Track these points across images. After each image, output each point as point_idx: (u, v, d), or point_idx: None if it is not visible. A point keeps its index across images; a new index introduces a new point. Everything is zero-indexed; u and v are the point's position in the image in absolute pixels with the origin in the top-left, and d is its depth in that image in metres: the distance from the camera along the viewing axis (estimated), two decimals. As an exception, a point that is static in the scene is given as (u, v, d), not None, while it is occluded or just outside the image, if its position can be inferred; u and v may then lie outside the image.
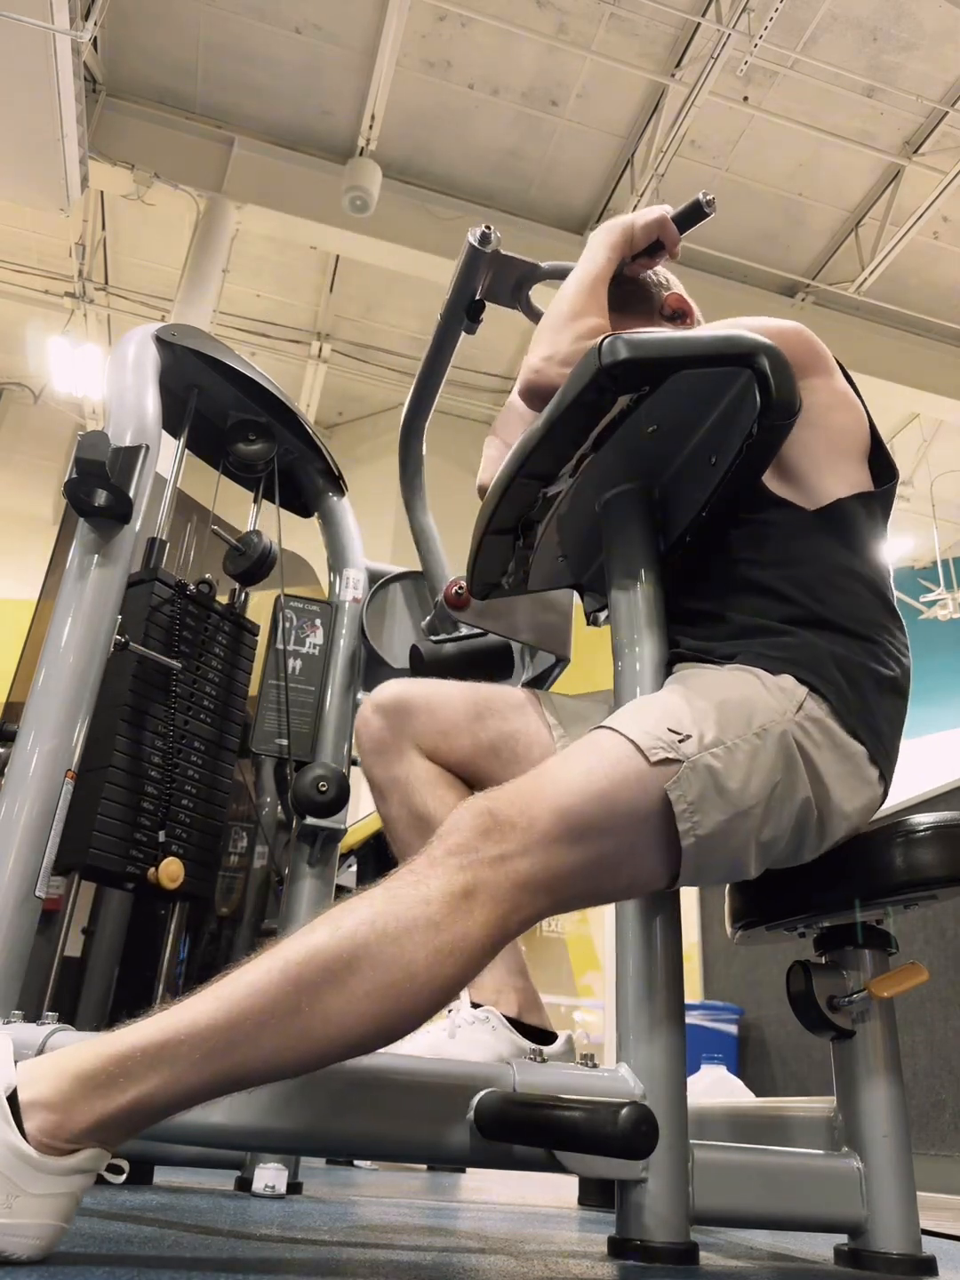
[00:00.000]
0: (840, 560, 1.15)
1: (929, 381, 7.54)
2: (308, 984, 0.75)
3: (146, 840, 1.46)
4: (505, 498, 1.17)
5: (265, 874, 2.11)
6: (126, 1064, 0.71)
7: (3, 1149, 0.68)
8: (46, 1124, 0.69)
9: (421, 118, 6.52)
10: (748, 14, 5.49)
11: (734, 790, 0.96)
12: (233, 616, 1.72)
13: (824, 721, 1.04)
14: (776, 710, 1.01)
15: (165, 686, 1.55)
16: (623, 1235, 0.96)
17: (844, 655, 1.08)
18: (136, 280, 7.80)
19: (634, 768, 0.93)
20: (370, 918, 0.78)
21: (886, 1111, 1.09)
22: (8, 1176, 0.67)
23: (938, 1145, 2.74)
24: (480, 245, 1.52)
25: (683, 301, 1.48)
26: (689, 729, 0.96)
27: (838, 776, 1.04)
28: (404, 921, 0.78)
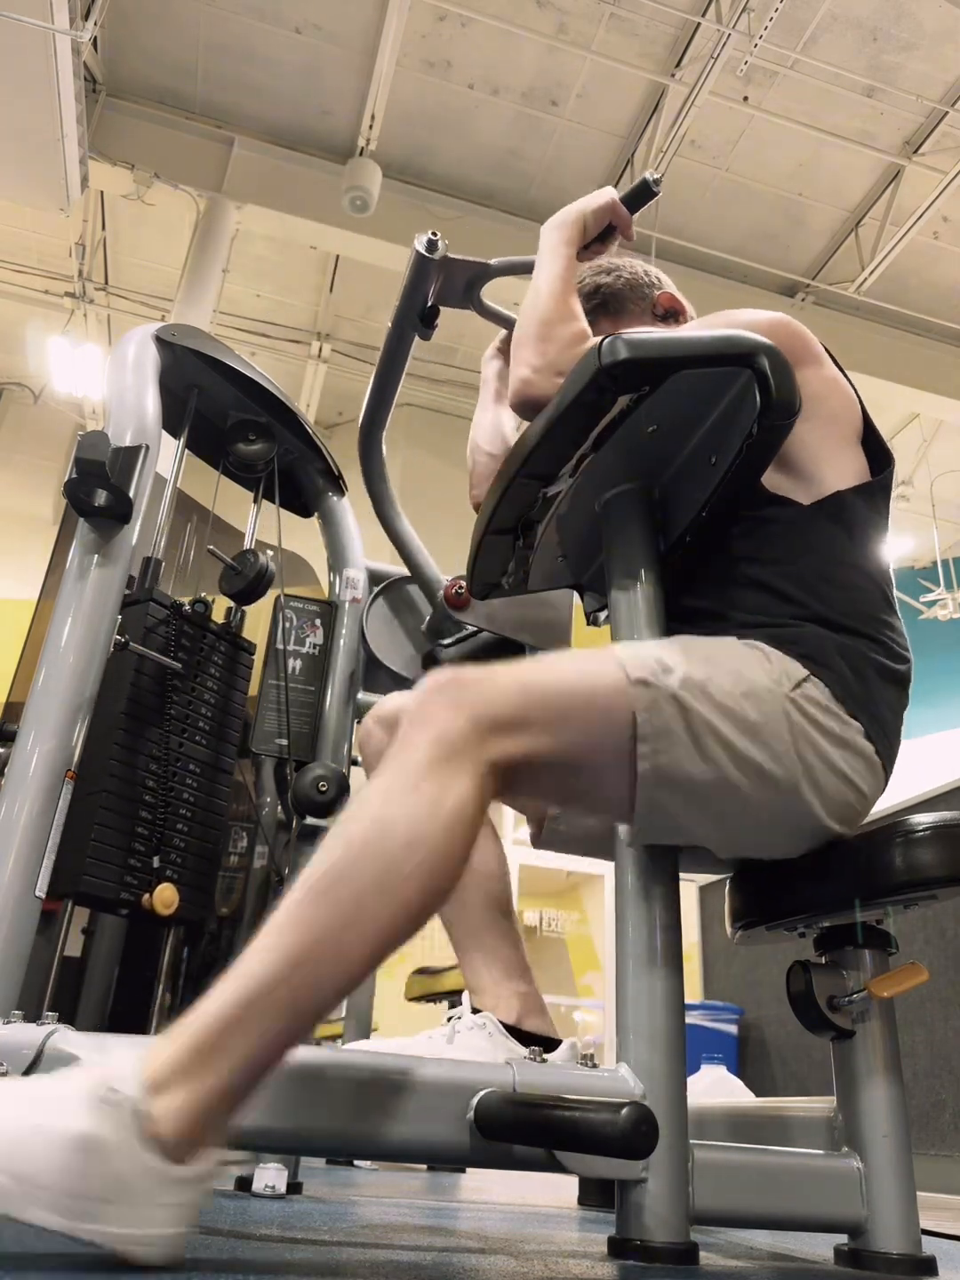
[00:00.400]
0: (840, 555, 1.15)
1: (929, 381, 7.54)
2: (347, 900, 0.78)
3: (141, 865, 1.44)
4: (505, 498, 1.17)
5: (265, 874, 2.11)
6: (210, 1047, 0.73)
7: (135, 1164, 0.69)
8: (166, 1131, 0.70)
9: (421, 118, 6.52)
10: (748, 14, 5.49)
11: (705, 737, 0.97)
12: (229, 636, 1.70)
13: (826, 705, 1.04)
14: (771, 681, 1.02)
15: (160, 708, 1.53)
16: (623, 1235, 0.96)
17: (847, 646, 1.08)
18: (136, 280, 7.80)
19: (613, 677, 0.97)
20: (374, 815, 0.83)
21: (886, 1111, 1.09)
22: (141, 1189, 0.69)
23: (938, 1145, 2.74)
24: (428, 253, 1.47)
25: (674, 300, 1.48)
26: (676, 667, 0.99)
27: (838, 760, 1.04)
28: (403, 805, 0.83)
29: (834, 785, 1.04)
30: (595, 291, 1.49)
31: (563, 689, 0.96)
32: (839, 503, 1.17)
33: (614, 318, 1.48)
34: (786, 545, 1.14)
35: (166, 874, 1.47)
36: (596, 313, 1.48)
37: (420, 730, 0.87)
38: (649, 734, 0.95)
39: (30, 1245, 0.76)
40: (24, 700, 1.30)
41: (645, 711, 0.95)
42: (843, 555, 1.15)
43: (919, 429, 8.48)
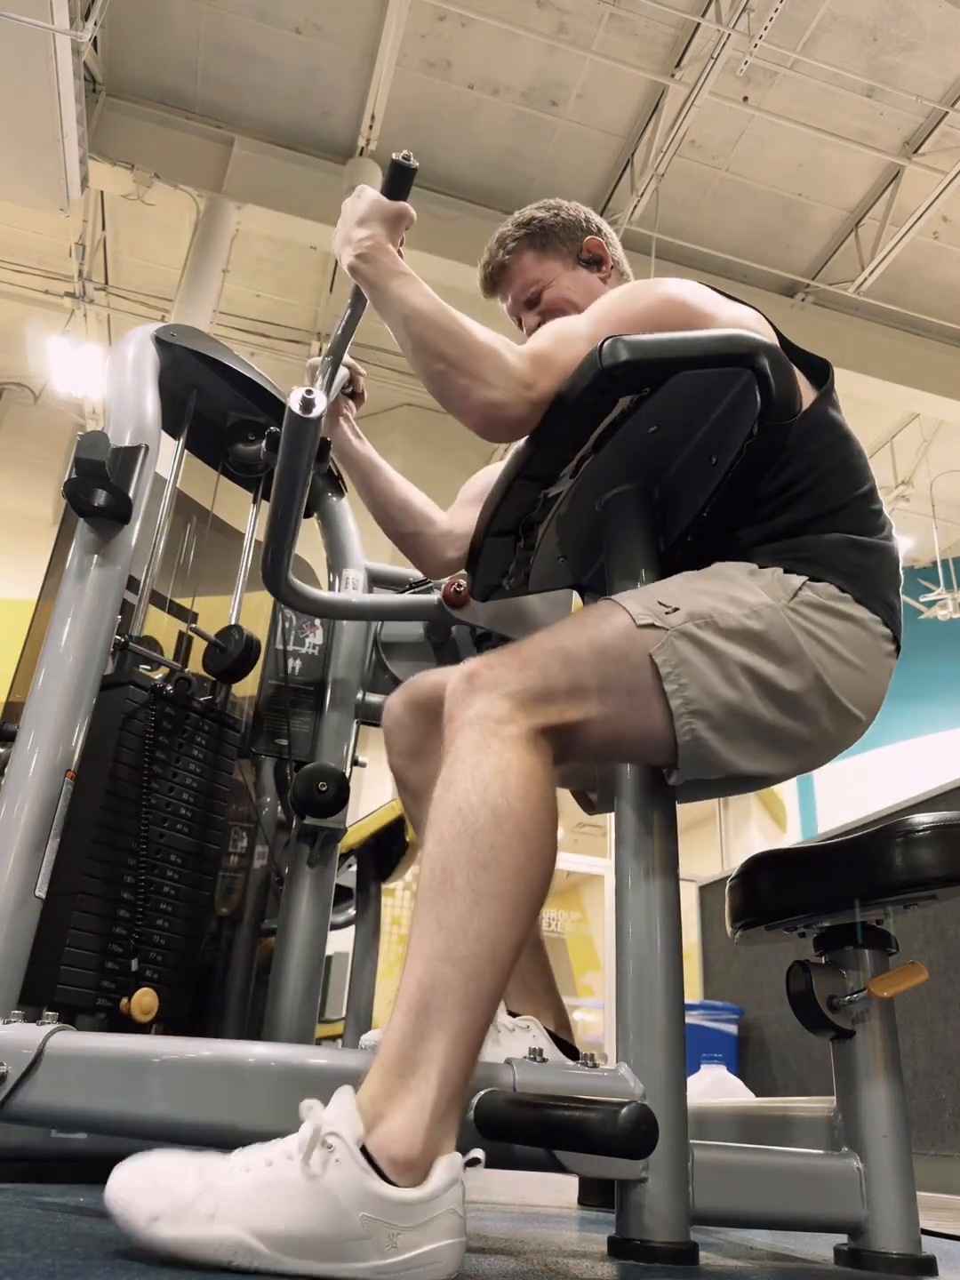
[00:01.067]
0: (834, 467, 1.17)
1: (929, 381, 7.54)
2: (462, 888, 0.83)
3: (119, 969, 1.36)
4: (506, 499, 1.17)
5: (265, 874, 2.11)
6: (405, 1066, 0.77)
7: (371, 1198, 0.70)
8: (395, 1155, 0.73)
9: (421, 118, 6.51)
10: (748, 14, 5.49)
11: (723, 661, 1.01)
12: (213, 715, 1.62)
13: (826, 603, 1.07)
14: (770, 597, 1.06)
15: (139, 798, 1.45)
16: (623, 1235, 0.96)
17: (843, 539, 1.11)
18: (136, 280, 7.80)
19: (624, 625, 1.01)
20: (454, 806, 0.88)
21: (886, 1111, 1.09)
22: (383, 1221, 0.70)
23: (938, 1145, 2.74)
24: (304, 413, 1.24)
25: (600, 248, 1.50)
26: (677, 604, 1.03)
27: (849, 654, 1.07)
28: (475, 789, 0.87)
29: (852, 678, 1.06)
30: (528, 222, 1.50)
31: (579, 648, 1.00)
32: (813, 419, 1.18)
33: (538, 251, 1.49)
34: (789, 477, 1.15)
35: (146, 975, 1.39)
36: (522, 242, 1.49)
37: (466, 722, 0.92)
38: (669, 671, 1.00)
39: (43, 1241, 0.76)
40: (24, 700, 1.30)
41: (660, 653, 1.00)
42: (839, 465, 1.18)
43: (919, 429, 8.48)
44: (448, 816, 0.88)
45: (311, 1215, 0.69)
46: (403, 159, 1.23)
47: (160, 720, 1.51)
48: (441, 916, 0.83)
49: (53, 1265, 0.68)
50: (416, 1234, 0.71)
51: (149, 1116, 0.90)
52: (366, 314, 1.49)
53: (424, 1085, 0.76)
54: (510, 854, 0.85)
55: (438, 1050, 0.78)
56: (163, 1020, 1.43)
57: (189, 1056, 0.91)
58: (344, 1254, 0.69)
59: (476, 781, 0.88)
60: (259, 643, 1.72)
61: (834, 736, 1.09)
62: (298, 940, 1.64)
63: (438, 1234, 0.72)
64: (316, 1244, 0.69)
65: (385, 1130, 0.74)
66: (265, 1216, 0.69)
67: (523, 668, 0.97)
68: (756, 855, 1.23)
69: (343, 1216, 0.69)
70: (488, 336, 1.10)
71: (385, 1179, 0.72)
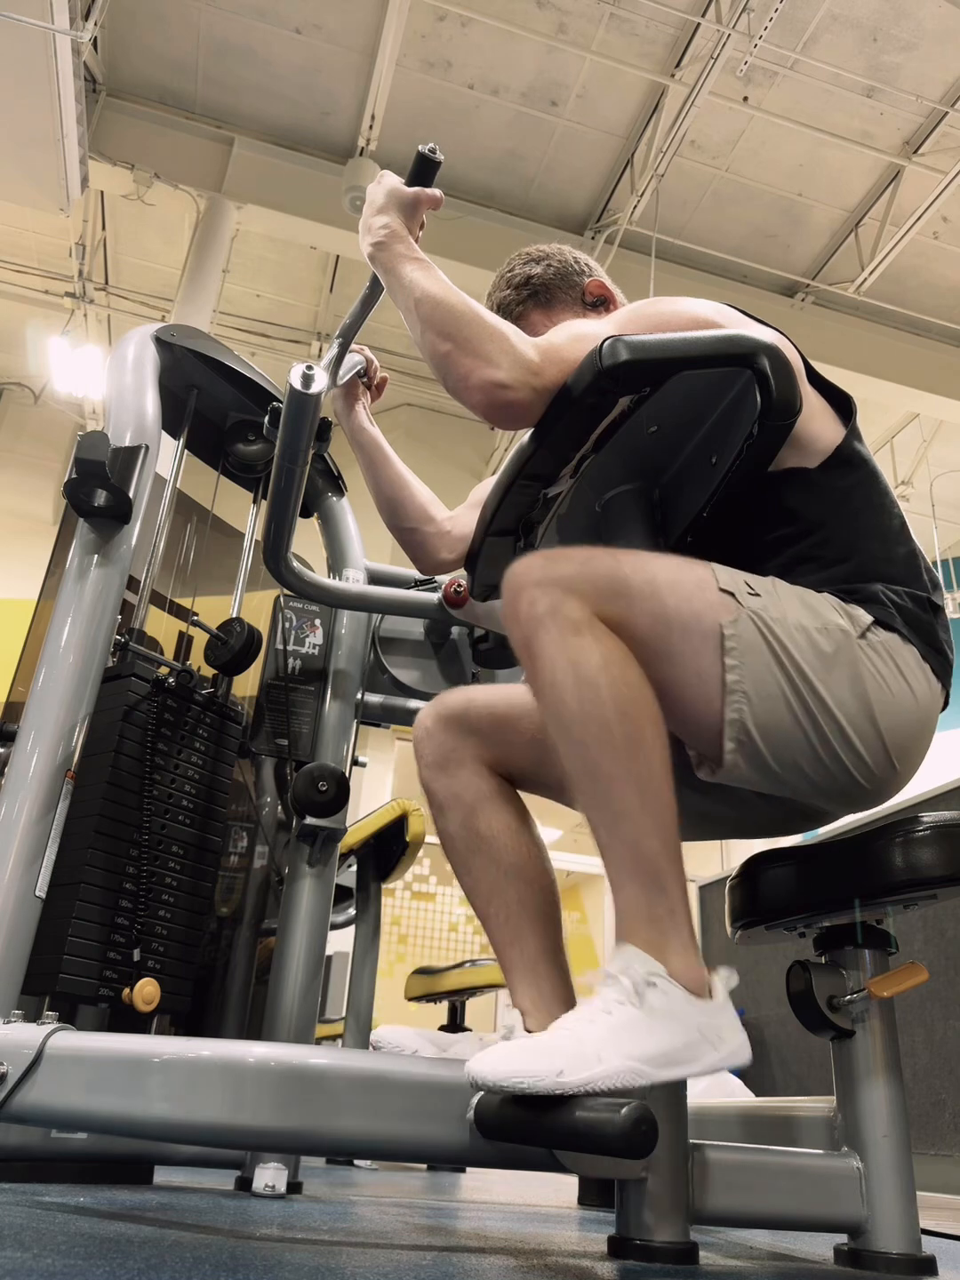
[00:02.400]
0: (864, 502, 1.17)
1: (929, 381, 7.53)
2: (627, 783, 0.95)
3: (121, 959, 1.37)
4: (506, 499, 1.17)
5: (265, 874, 2.11)
6: (656, 908, 0.93)
7: (697, 1013, 0.91)
8: (688, 983, 0.92)
9: (421, 118, 6.51)
10: (748, 14, 5.49)
11: (785, 663, 1.01)
12: (215, 707, 1.63)
13: (893, 650, 1.06)
14: (846, 620, 1.05)
15: (141, 790, 1.45)
16: (623, 1235, 0.96)
17: (904, 592, 1.10)
18: (136, 280, 7.80)
19: (705, 578, 1.04)
20: (580, 710, 0.96)
21: (886, 1111, 1.09)
22: (710, 1025, 0.90)
23: (938, 1145, 2.74)
24: (304, 388, 1.28)
25: (603, 287, 1.48)
26: (762, 593, 1.05)
27: (906, 701, 1.05)
28: (578, 684, 0.95)
29: (901, 726, 1.05)
30: (526, 282, 1.47)
31: (650, 570, 1.03)
32: (843, 455, 1.18)
33: (545, 308, 1.47)
34: (817, 514, 1.15)
35: (148, 965, 1.40)
36: (527, 304, 1.47)
37: (542, 618, 0.97)
38: (734, 646, 1.00)
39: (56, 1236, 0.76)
40: (24, 700, 1.30)
41: (730, 625, 1.01)
42: (866, 502, 1.17)
43: (919, 429, 8.48)
44: (578, 722, 0.95)
45: (669, 1035, 0.88)
46: (429, 151, 1.27)
47: (162, 712, 1.51)
48: (619, 806, 0.94)
49: (53, 1265, 0.68)
50: (728, 1030, 0.91)
51: (149, 1116, 0.90)
52: (373, 313, 1.49)
53: (675, 928, 0.93)
54: (644, 729, 0.95)
55: (673, 898, 0.94)
56: (164, 1011, 1.43)
57: (189, 1056, 0.91)
58: (696, 1056, 0.89)
59: (580, 683, 0.95)
60: (260, 635, 1.72)
61: (872, 780, 1.05)
62: (298, 940, 1.64)
63: (736, 1028, 0.92)
64: (677, 1054, 0.88)
65: (673, 968, 0.91)
66: (637, 1046, 0.86)
67: (586, 562, 1.01)
68: (756, 855, 1.23)
69: (687, 1030, 0.89)
70: (497, 321, 1.10)
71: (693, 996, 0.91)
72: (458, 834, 1.22)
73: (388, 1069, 0.93)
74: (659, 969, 0.91)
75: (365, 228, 1.28)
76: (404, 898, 8.04)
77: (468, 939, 8.09)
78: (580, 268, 1.49)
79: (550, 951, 1.15)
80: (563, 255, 1.50)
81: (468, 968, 3.52)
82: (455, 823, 1.23)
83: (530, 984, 1.12)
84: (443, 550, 1.63)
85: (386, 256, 1.23)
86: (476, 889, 1.19)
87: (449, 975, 3.54)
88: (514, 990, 1.13)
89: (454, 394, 1.11)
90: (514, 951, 1.15)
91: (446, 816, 1.24)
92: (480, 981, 3.48)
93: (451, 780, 1.24)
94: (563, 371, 1.04)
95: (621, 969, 0.91)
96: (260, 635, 1.72)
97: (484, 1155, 0.92)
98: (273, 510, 1.46)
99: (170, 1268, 0.71)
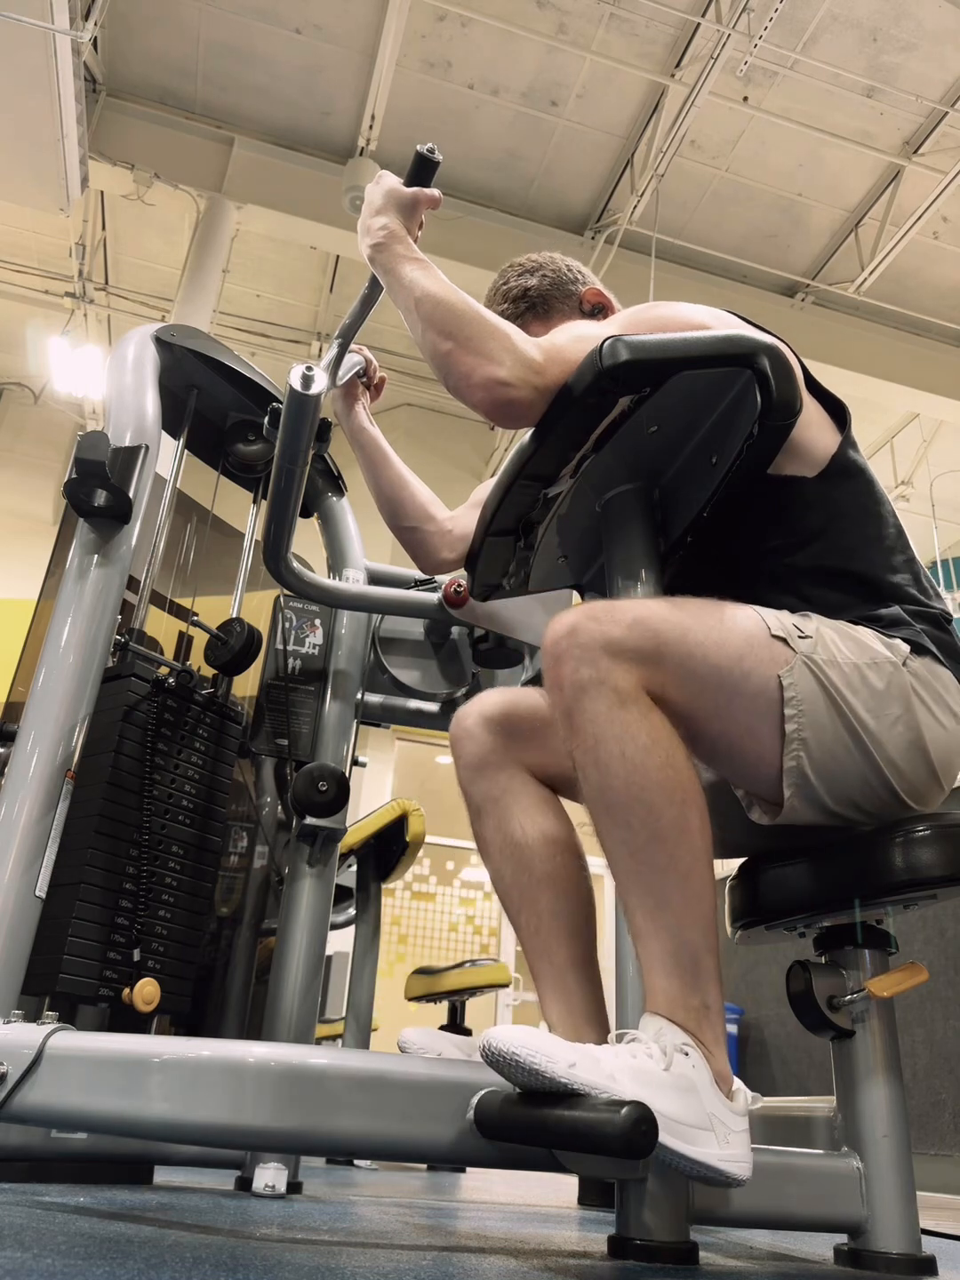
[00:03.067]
0: (859, 512, 1.16)
1: (929, 381, 7.53)
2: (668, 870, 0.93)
3: (121, 959, 1.37)
4: (506, 499, 1.17)
5: (265, 874, 2.11)
6: (691, 999, 0.91)
7: (716, 1101, 0.88)
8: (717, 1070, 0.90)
9: (421, 118, 6.51)
10: (748, 14, 5.49)
11: (840, 705, 1.00)
12: (215, 707, 1.62)
13: (928, 676, 1.06)
14: (891, 652, 1.05)
15: (141, 789, 1.45)
16: (623, 1235, 0.96)
17: (919, 612, 1.10)
18: (136, 280, 7.80)
19: (755, 628, 1.01)
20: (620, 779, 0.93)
21: (886, 1111, 1.09)
22: (721, 1121, 0.87)
23: (938, 1145, 2.75)
24: (303, 389, 1.27)
25: (600, 295, 1.48)
26: (810, 633, 1.02)
27: (949, 725, 1.06)
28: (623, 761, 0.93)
29: (943, 740, 1.05)
30: (523, 295, 1.47)
31: (705, 630, 1.00)
32: (839, 463, 1.17)
33: (543, 319, 1.46)
34: (815, 523, 1.15)
35: (148, 966, 1.40)
36: (525, 316, 1.46)
37: (587, 687, 0.95)
38: (794, 696, 0.99)
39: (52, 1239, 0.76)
40: (24, 700, 1.30)
41: (788, 677, 0.99)
42: (864, 510, 1.17)
43: (919, 429, 8.47)
44: (620, 785, 0.93)
45: (682, 1105, 0.85)
46: (427, 151, 1.26)
47: (162, 712, 1.51)
48: (660, 894, 0.92)
49: (53, 1265, 0.68)
50: (736, 1137, 0.88)
51: (149, 1116, 0.90)
52: (373, 312, 1.48)
53: (710, 1024, 0.91)
54: (690, 817, 0.93)
55: (709, 994, 0.92)
56: (164, 1011, 1.43)
57: (189, 1056, 0.91)
58: (697, 1140, 0.85)
59: (626, 760, 0.93)
60: (260, 635, 1.72)
61: (917, 799, 1.07)
62: (298, 940, 1.64)
63: (745, 1142, 0.89)
64: (682, 1127, 0.85)
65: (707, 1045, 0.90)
66: (649, 1092, 0.84)
67: (634, 626, 0.97)
68: (756, 855, 1.23)
69: (699, 1111, 0.86)
70: (499, 320, 1.10)
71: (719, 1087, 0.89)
72: (493, 839, 1.20)
73: (388, 1069, 0.93)
74: (692, 1041, 0.89)
75: (364, 229, 1.27)
76: (404, 898, 8.03)
77: (468, 939, 8.08)
78: (574, 275, 1.49)
79: (581, 964, 1.13)
80: (555, 264, 1.49)
81: (468, 968, 3.52)
82: (490, 827, 1.20)
83: (559, 996, 1.11)
84: (444, 550, 1.63)
85: (386, 257, 1.22)
86: (509, 895, 1.17)
87: (449, 975, 3.54)
88: (543, 1001, 1.12)
89: (456, 393, 1.10)
90: (544, 963, 1.13)
91: (483, 821, 1.21)
92: (480, 981, 3.48)
93: (490, 783, 1.21)
94: (564, 371, 1.04)
95: (654, 1035, 0.90)
96: (260, 635, 1.72)
97: (484, 1155, 0.92)
98: (272, 511, 1.46)
99: (170, 1268, 0.71)
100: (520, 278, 1.48)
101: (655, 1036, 0.89)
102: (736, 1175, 0.86)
